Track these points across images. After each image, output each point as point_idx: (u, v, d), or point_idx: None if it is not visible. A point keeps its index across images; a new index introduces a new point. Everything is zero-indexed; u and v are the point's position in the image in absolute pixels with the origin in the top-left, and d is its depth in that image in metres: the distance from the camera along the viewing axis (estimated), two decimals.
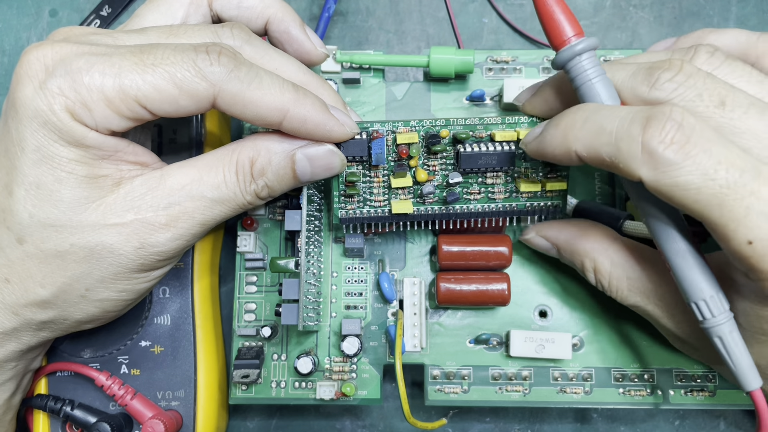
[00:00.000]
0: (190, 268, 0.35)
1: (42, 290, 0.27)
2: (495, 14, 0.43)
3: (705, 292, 0.25)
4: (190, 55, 0.25)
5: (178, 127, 0.36)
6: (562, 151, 0.26)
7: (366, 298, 0.35)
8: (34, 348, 0.30)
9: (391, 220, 0.32)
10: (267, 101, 0.26)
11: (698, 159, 0.22)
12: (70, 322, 0.28)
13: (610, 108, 0.25)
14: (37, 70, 0.25)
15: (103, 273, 0.27)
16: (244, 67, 0.26)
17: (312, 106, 0.27)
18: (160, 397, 0.34)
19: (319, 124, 0.27)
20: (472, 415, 0.39)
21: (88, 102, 0.24)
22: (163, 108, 0.25)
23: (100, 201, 0.26)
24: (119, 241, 0.26)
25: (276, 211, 0.36)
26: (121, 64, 0.25)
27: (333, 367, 0.34)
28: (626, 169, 0.23)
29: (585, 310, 0.35)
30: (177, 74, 0.25)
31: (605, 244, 0.30)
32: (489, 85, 0.37)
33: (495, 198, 0.32)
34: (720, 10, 0.42)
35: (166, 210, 0.26)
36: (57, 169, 0.25)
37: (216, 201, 0.27)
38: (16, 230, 0.26)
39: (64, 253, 0.26)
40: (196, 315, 0.35)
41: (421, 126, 0.30)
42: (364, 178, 0.31)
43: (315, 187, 0.32)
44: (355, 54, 0.36)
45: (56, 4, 0.43)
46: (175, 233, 0.27)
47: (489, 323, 0.35)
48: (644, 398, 0.34)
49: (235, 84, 0.25)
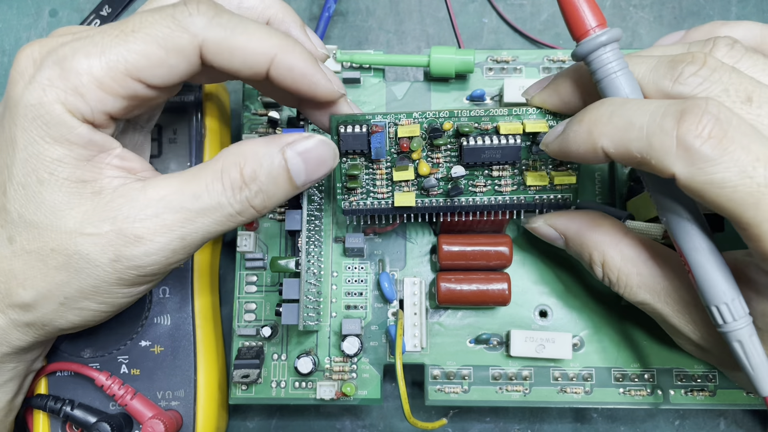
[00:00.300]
0: (190, 267, 0.35)
1: (23, 292, 0.26)
2: (495, 14, 0.43)
3: (726, 295, 0.24)
4: (167, 11, 0.24)
5: (178, 127, 0.36)
6: (588, 148, 0.24)
7: (366, 297, 0.35)
8: (27, 349, 0.29)
9: (394, 212, 0.32)
10: (254, 45, 0.25)
11: (736, 155, 0.21)
12: (50, 328, 0.28)
13: (637, 102, 0.24)
14: (26, 66, 0.25)
15: (81, 284, 0.26)
16: (226, 14, 0.25)
17: (300, 55, 0.26)
18: (160, 397, 0.34)
19: (306, 74, 0.27)
20: (471, 415, 0.39)
21: (79, 87, 0.24)
22: (155, 73, 0.25)
23: (78, 208, 0.25)
24: (95, 251, 0.25)
25: (276, 211, 0.36)
26: (103, 41, 0.24)
27: (333, 367, 0.34)
28: (659, 166, 0.22)
29: (585, 310, 0.35)
30: (158, 33, 0.24)
31: (617, 237, 0.29)
32: (489, 85, 0.37)
33: (501, 191, 0.31)
34: (720, 10, 0.42)
35: (143, 222, 0.25)
36: (40, 170, 0.25)
37: (198, 212, 0.25)
38: (8, 229, 0.26)
39: (45, 257, 0.26)
40: (196, 315, 0.35)
41: (423, 118, 0.30)
42: (367, 171, 0.31)
43: (315, 187, 0.32)
44: (356, 54, 0.36)
45: (56, 4, 0.43)
46: (151, 247, 0.25)
47: (489, 323, 0.35)
48: (644, 398, 0.34)
49: (218, 31, 0.25)
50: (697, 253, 0.24)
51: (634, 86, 0.25)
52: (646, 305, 0.29)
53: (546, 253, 0.35)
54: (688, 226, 0.24)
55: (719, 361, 0.29)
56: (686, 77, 0.24)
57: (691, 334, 0.28)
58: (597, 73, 0.26)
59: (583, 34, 0.26)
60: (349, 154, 0.30)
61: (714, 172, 0.21)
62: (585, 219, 0.30)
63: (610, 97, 0.25)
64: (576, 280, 0.35)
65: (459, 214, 0.32)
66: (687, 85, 0.24)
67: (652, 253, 0.28)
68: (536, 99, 0.30)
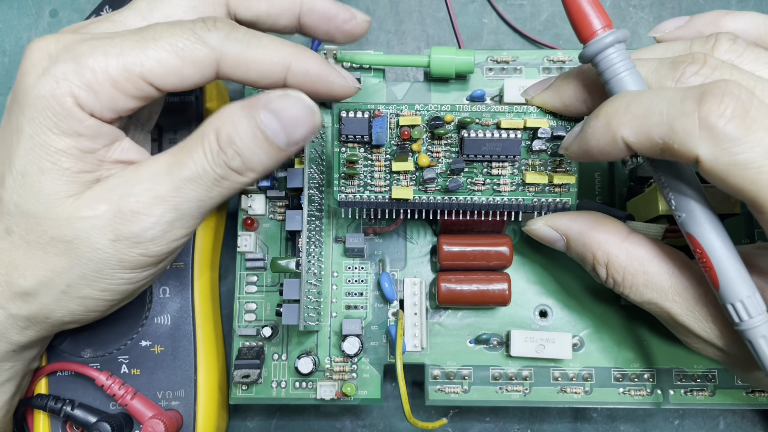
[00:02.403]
0: (190, 267, 0.35)
1: (24, 282, 0.27)
2: (495, 14, 0.43)
3: (742, 292, 0.23)
4: (188, 26, 0.25)
5: (178, 127, 0.36)
6: (608, 140, 0.24)
7: (366, 298, 0.35)
8: (25, 347, 0.29)
9: (391, 206, 0.31)
10: (269, 57, 0.26)
11: (759, 134, 0.21)
12: (52, 320, 0.28)
13: (654, 90, 0.23)
14: (40, 59, 0.25)
15: (83, 269, 0.26)
16: (241, 29, 0.26)
17: (313, 58, 0.27)
18: (160, 396, 0.34)
19: (322, 74, 0.28)
20: (471, 415, 0.39)
21: (93, 84, 0.25)
22: (168, 80, 0.25)
23: (76, 195, 0.26)
24: (94, 233, 0.26)
25: (276, 211, 0.36)
26: (123, 44, 0.25)
27: (333, 367, 0.34)
28: (681, 149, 0.22)
29: (585, 310, 0.35)
30: (178, 44, 0.25)
31: (621, 236, 0.28)
32: (489, 85, 0.37)
33: (500, 190, 0.31)
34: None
35: (137, 197, 0.25)
36: (43, 159, 0.25)
37: (186, 180, 0.25)
38: (6, 220, 0.26)
39: (45, 245, 0.26)
40: (196, 315, 0.35)
41: (426, 110, 0.30)
42: (366, 162, 0.31)
43: (315, 187, 0.32)
44: (356, 54, 0.36)
45: (56, 5, 0.43)
46: (147, 221, 0.25)
47: (489, 323, 0.35)
48: (644, 398, 0.34)
49: (235, 45, 0.26)
50: (717, 249, 0.24)
51: (643, 85, 0.25)
52: (653, 305, 0.28)
53: (546, 253, 0.35)
54: (707, 221, 0.24)
55: (732, 360, 0.28)
56: (688, 77, 0.24)
57: (702, 332, 0.27)
58: (605, 74, 0.25)
59: (590, 36, 0.25)
60: (349, 141, 0.30)
61: (738, 152, 0.21)
62: (587, 219, 0.30)
63: (624, 91, 0.25)
64: (576, 280, 0.35)
65: (458, 213, 0.32)
66: (689, 85, 0.24)
67: (658, 252, 0.28)
68: (537, 99, 0.30)
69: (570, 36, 0.42)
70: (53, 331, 0.29)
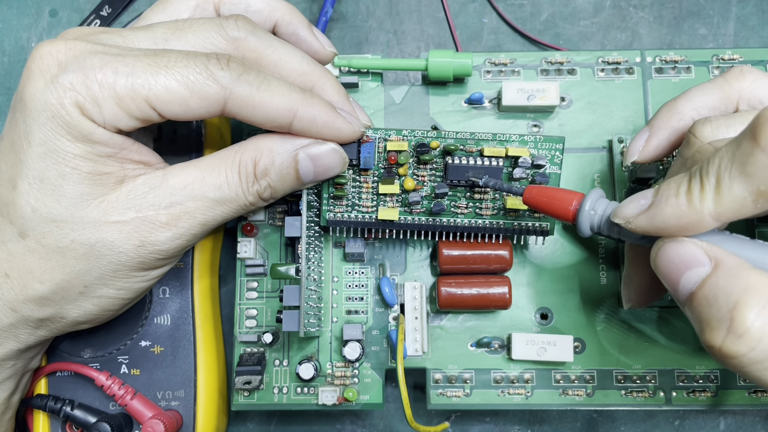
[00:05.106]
0: (190, 268, 0.35)
1: (40, 286, 0.27)
2: (495, 14, 0.43)
3: None
4: (201, 60, 0.26)
5: (178, 126, 0.36)
6: (694, 218, 0.22)
7: (367, 302, 0.35)
8: (32, 347, 0.30)
9: (377, 226, 0.32)
10: (276, 102, 0.27)
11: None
12: (67, 320, 0.29)
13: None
14: (49, 65, 0.25)
15: (102, 270, 0.27)
16: (253, 71, 0.27)
17: (320, 105, 0.28)
18: (160, 397, 0.34)
19: (328, 122, 0.28)
20: (471, 415, 0.39)
21: (99, 99, 0.25)
22: (172, 109, 0.26)
23: (102, 198, 0.26)
24: (120, 238, 0.26)
25: (276, 217, 0.36)
26: (135, 64, 0.25)
27: (335, 372, 0.34)
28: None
29: (586, 313, 0.35)
30: (189, 76, 0.25)
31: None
32: (487, 88, 0.37)
33: (482, 214, 0.32)
34: (720, 10, 0.42)
35: (167, 209, 0.27)
36: (61, 164, 0.25)
37: (218, 201, 0.27)
38: (19, 224, 0.26)
39: (65, 249, 0.26)
40: (196, 315, 0.35)
41: (412, 136, 0.31)
42: (354, 183, 0.32)
43: (314, 193, 0.32)
44: (353, 58, 0.36)
45: (56, 4, 0.43)
46: (175, 232, 0.27)
47: (490, 326, 0.35)
48: (646, 399, 0.34)
49: (245, 87, 0.26)
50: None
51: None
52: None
53: (546, 256, 0.35)
54: None
55: None
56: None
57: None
58: (607, 232, 0.27)
59: (572, 213, 0.27)
60: None
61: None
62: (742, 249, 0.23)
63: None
64: (576, 282, 0.35)
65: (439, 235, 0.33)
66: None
67: None
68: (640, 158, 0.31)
69: (570, 36, 0.42)
70: (65, 331, 0.30)
